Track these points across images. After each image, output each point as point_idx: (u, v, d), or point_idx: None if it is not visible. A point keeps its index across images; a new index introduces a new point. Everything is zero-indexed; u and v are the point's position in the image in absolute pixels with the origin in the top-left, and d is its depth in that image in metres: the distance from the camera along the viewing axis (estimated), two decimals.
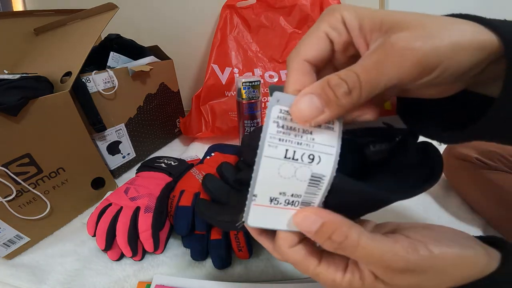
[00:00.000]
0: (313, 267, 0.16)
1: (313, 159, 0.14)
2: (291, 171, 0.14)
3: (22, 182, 0.39)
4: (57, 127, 0.43)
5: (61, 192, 0.45)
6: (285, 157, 0.14)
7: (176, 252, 0.40)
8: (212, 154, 0.49)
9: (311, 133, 0.14)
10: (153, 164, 0.49)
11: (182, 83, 0.79)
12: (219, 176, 0.38)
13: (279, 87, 0.18)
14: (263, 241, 0.19)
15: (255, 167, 0.14)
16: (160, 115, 0.71)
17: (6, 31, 0.58)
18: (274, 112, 0.14)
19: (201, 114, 0.73)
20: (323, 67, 0.16)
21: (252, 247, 0.38)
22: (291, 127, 0.14)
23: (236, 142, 0.70)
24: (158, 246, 0.38)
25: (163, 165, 0.48)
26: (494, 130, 0.14)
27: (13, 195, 0.38)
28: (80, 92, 0.48)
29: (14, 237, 0.39)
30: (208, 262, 0.37)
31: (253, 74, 0.76)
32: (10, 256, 0.40)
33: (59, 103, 0.43)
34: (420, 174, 0.18)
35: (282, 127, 0.14)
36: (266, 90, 0.75)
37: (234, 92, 0.75)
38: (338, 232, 0.15)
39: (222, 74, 0.75)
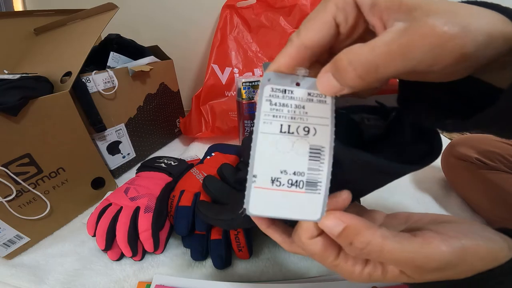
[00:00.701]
0: (331, 259, 0.16)
1: (308, 131, 0.14)
2: (289, 145, 0.14)
3: (22, 182, 0.39)
4: (57, 127, 0.43)
5: (61, 192, 0.45)
6: (281, 131, 0.14)
7: (176, 252, 0.40)
8: (212, 154, 0.49)
9: (303, 107, 0.14)
10: (153, 164, 0.49)
11: (182, 83, 0.79)
12: (220, 177, 0.38)
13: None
14: (271, 233, 0.18)
15: (252, 146, 0.14)
16: (160, 115, 0.71)
17: (6, 31, 0.58)
18: (266, 91, 0.14)
19: (201, 114, 0.73)
20: (321, 52, 0.15)
21: (252, 247, 0.38)
22: (283, 104, 0.14)
23: (236, 142, 0.70)
24: (158, 246, 0.38)
25: (163, 165, 0.48)
26: (504, 121, 0.13)
27: (13, 195, 0.38)
28: (80, 92, 0.48)
29: (14, 237, 0.39)
30: (208, 262, 0.37)
31: (253, 74, 0.76)
32: (10, 256, 0.40)
33: (59, 103, 0.43)
34: (419, 150, 0.17)
35: (275, 104, 0.14)
36: None
37: (234, 92, 0.75)
38: (360, 238, 0.14)
39: (222, 74, 0.75)
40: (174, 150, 0.74)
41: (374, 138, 0.20)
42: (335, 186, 0.15)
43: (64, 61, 0.49)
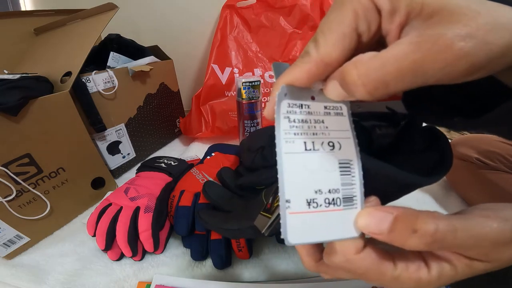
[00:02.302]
0: (390, 271, 0.13)
1: (333, 145, 0.14)
2: (317, 162, 0.13)
3: (22, 182, 0.39)
4: (57, 127, 0.43)
5: (61, 192, 0.45)
6: (306, 149, 0.13)
7: (176, 252, 0.40)
8: (212, 154, 0.49)
9: (323, 121, 0.14)
10: (153, 164, 0.49)
11: (182, 83, 0.79)
12: (220, 181, 0.38)
13: (283, 65, 0.17)
14: (300, 249, 0.16)
15: (278, 169, 0.13)
16: (160, 115, 0.71)
17: (6, 31, 0.58)
18: (283, 107, 0.13)
19: (201, 114, 0.73)
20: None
21: (252, 247, 0.38)
22: (302, 120, 0.14)
23: (236, 142, 0.70)
24: (158, 246, 0.38)
25: (163, 165, 0.48)
26: None
27: (13, 195, 0.38)
28: (80, 92, 0.48)
29: (14, 237, 0.39)
30: (208, 262, 0.37)
31: (253, 74, 0.76)
32: (10, 256, 0.40)
33: (59, 103, 0.43)
34: (430, 158, 0.17)
35: (294, 121, 0.13)
36: (266, 90, 0.75)
37: (234, 92, 0.75)
38: (424, 222, 0.12)
39: (222, 74, 0.75)
40: (174, 150, 0.74)
41: (384, 147, 0.19)
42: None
43: (64, 61, 0.49)
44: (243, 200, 0.33)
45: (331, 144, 0.14)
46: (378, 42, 0.13)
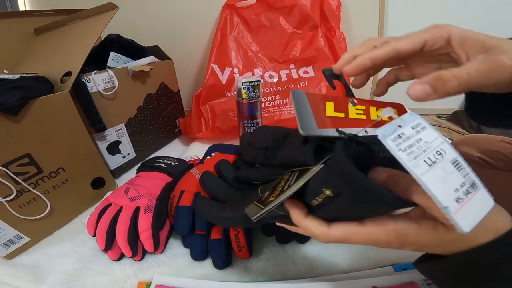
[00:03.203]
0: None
1: (440, 153, 0.17)
2: (441, 170, 0.17)
3: (22, 182, 0.39)
4: (57, 127, 0.43)
5: (61, 192, 0.45)
6: (429, 165, 0.16)
7: (176, 252, 0.40)
8: (212, 154, 0.49)
9: (421, 139, 0.17)
10: (153, 164, 0.49)
11: (182, 83, 0.79)
12: (217, 174, 0.38)
13: (301, 93, 0.22)
14: (310, 222, 0.21)
15: (423, 187, 0.16)
16: (160, 115, 0.71)
17: (6, 31, 0.58)
18: (391, 144, 0.16)
19: (201, 114, 0.73)
20: (400, 58, 0.23)
21: (252, 247, 0.38)
22: (409, 145, 0.17)
23: (236, 142, 0.70)
24: (158, 246, 0.38)
25: (163, 165, 0.48)
26: None
27: (13, 195, 0.38)
28: (80, 92, 0.48)
29: (14, 237, 0.39)
30: (208, 262, 0.37)
31: (253, 74, 0.76)
32: (10, 256, 0.40)
33: (59, 103, 0.43)
34: None
35: (405, 149, 0.16)
36: (266, 90, 0.75)
37: (234, 92, 0.75)
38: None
39: (222, 74, 0.75)
40: (174, 150, 0.74)
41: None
42: None
43: (64, 61, 0.49)
44: (239, 193, 0.33)
45: (438, 153, 0.17)
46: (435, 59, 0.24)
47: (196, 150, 0.69)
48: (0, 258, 0.39)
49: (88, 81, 0.49)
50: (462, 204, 0.16)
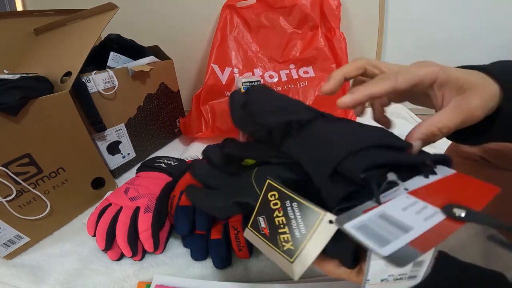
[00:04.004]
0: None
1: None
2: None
3: (22, 182, 0.39)
4: (57, 127, 0.43)
5: (61, 192, 0.45)
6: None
7: (176, 252, 0.40)
8: None
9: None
10: (153, 164, 0.49)
11: (182, 83, 0.79)
12: (206, 160, 0.36)
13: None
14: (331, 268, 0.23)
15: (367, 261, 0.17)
16: (160, 115, 0.71)
17: (6, 31, 0.58)
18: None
19: (201, 114, 0.73)
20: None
21: (252, 247, 0.38)
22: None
23: None
24: (158, 246, 0.38)
25: (163, 165, 0.48)
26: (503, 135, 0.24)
27: (13, 195, 0.38)
28: (80, 92, 0.48)
29: (14, 237, 0.39)
30: (208, 262, 0.37)
31: (253, 74, 0.76)
32: (10, 256, 0.40)
33: (59, 103, 0.43)
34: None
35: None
36: None
37: None
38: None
39: (222, 74, 0.75)
40: (174, 150, 0.74)
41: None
42: None
43: (64, 61, 0.49)
44: (231, 178, 0.32)
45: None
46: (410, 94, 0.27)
47: (196, 150, 0.69)
48: (0, 258, 0.39)
49: (88, 81, 0.49)
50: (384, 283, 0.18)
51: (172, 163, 0.49)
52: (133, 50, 0.65)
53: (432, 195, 0.18)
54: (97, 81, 0.51)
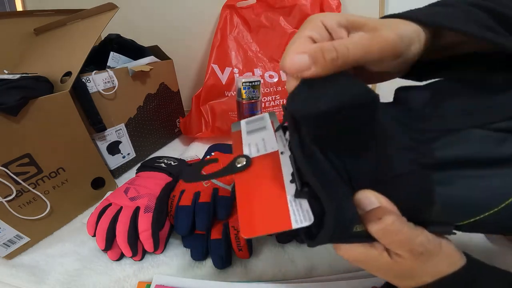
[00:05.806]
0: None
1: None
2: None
3: (22, 182, 0.39)
4: (57, 127, 0.43)
5: (61, 192, 0.45)
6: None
7: (176, 252, 0.40)
8: (212, 154, 0.49)
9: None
10: (153, 164, 0.49)
11: (182, 83, 0.79)
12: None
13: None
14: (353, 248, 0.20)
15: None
16: (160, 115, 0.71)
17: (6, 31, 0.58)
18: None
19: (201, 114, 0.73)
20: None
21: (252, 247, 0.38)
22: None
23: None
24: (158, 246, 0.38)
25: (163, 165, 0.48)
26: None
27: (13, 195, 0.38)
28: (80, 92, 0.47)
29: (14, 237, 0.39)
30: (208, 262, 0.37)
31: (253, 74, 0.76)
32: (10, 256, 0.40)
33: (59, 103, 0.43)
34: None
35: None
36: (266, 90, 0.75)
37: (234, 92, 0.75)
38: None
39: (222, 74, 0.75)
40: (174, 150, 0.74)
41: None
42: None
43: (64, 61, 0.49)
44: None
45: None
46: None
47: (196, 150, 0.69)
48: (0, 258, 0.39)
49: (88, 81, 0.49)
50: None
51: (172, 163, 0.49)
52: (133, 50, 0.65)
53: None
54: (97, 81, 0.51)
